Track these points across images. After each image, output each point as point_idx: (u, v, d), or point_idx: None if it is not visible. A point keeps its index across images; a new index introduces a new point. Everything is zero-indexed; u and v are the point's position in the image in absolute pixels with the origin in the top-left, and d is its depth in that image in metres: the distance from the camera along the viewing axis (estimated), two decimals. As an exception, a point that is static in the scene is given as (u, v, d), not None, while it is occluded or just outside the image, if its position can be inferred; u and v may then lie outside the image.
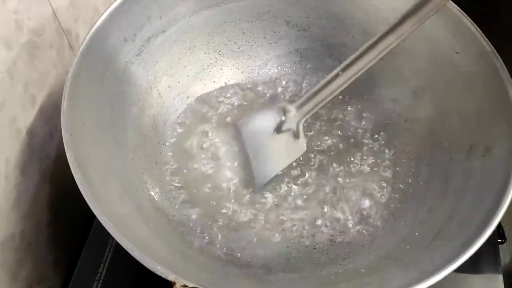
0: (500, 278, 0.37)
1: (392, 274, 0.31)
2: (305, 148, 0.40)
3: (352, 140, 0.42)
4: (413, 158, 0.40)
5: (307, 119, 0.39)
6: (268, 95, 0.45)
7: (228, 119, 0.43)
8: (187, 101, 0.43)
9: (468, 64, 0.36)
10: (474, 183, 0.33)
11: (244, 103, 0.44)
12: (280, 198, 0.39)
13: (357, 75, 0.35)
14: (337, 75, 0.36)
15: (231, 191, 0.39)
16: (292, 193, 0.39)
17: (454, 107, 0.37)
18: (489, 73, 0.34)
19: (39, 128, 0.37)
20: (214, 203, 0.39)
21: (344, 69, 0.35)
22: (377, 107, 0.43)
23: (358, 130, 0.42)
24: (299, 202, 0.39)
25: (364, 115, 0.43)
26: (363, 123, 0.43)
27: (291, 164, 0.40)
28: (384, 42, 0.33)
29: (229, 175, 0.40)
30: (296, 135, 0.40)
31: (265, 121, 0.41)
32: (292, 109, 0.40)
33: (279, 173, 0.40)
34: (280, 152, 0.40)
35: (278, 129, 0.40)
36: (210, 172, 0.40)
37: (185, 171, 0.40)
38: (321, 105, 0.38)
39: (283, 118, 0.40)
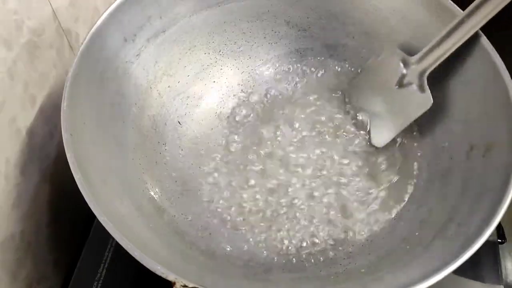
0: (500, 276, 0.37)
1: (392, 274, 0.31)
2: (432, 102, 0.37)
3: (350, 139, 0.42)
4: (413, 158, 0.40)
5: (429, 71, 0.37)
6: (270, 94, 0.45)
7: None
8: (187, 101, 0.43)
9: (468, 64, 0.36)
10: (474, 183, 0.33)
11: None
12: (280, 199, 0.39)
13: (485, 21, 0.33)
14: (462, 22, 0.34)
15: (232, 191, 0.39)
16: (290, 194, 0.39)
17: (454, 107, 0.37)
18: (489, 73, 0.34)
19: (39, 128, 0.37)
20: (216, 202, 0.39)
21: (469, 15, 0.33)
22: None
23: (358, 129, 0.43)
24: (298, 202, 0.39)
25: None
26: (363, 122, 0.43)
27: (289, 163, 0.40)
28: None
29: (227, 176, 0.40)
30: (421, 88, 0.37)
31: (384, 74, 0.39)
32: (413, 61, 0.37)
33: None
34: (403, 108, 0.38)
35: (400, 83, 0.38)
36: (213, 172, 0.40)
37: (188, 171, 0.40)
38: (445, 56, 0.35)
39: (404, 72, 0.38)
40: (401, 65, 0.38)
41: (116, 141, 0.36)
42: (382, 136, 0.40)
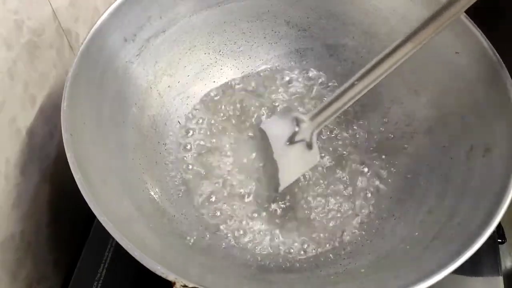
0: (500, 278, 0.37)
1: (392, 274, 0.31)
2: (318, 159, 0.39)
3: (351, 139, 0.42)
4: (413, 158, 0.40)
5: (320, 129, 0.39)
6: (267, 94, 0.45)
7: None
8: (187, 101, 0.43)
9: (468, 64, 0.36)
10: (474, 183, 0.33)
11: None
12: (280, 200, 0.39)
13: (372, 85, 0.35)
14: (352, 85, 0.35)
15: (231, 191, 0.39)
16: (291, 194, 0.39)
17: (454, 107, 0.37)
18: (489, 73, 0.34)
19: (39, 128, 0.37)
20: (216, 203, 0.39)
21: (359, 79, 0.35)
22: (376, 106, 0.43)
23: (358, 128, 0.42)
24: (300, 202, 0.39)
25: (364, 114, 0.43)
26: (362, 122, 0.43)
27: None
28: (402, 50, 0.32)
29: (228, 176, 0.40)
30: (309, 146, 0.39)
31: (279, 131, 0.40)
32: (305, 119, 0.39)
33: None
34: (294, 162, 0.39)
35: (291, 140, 0.39)
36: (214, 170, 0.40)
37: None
38: (335, 115, 0.37)
39: (297, 129, 0.39)
40: (294, 123, 0.39)
41: (116, 141, 0.36)
42: (280, 181, 0.39)
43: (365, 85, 0.35)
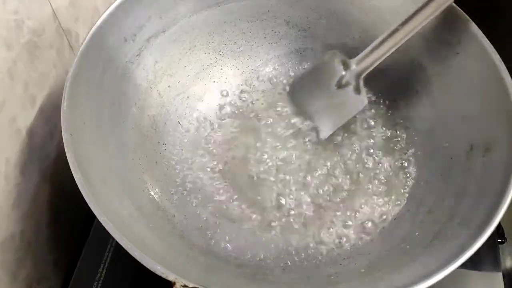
0: (499, 276, 0.37)
1: (392, 274, 0.31)
2: (366, 102, 0.40)
3: (351, 140, 0.42)
4: (413, 158, 0.40)
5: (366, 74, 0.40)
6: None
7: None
8: (188, 101, 0.43)
9: (468, 64, 0.36)
10: (474, 183, 0.33)
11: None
12: (281, 197, 0.39)
13: (416, 30, 0.36)
14: (396, 30, 0.36)
15: (232, 191, 0.39)
16: (291, 193, 0.39)
17: (454, 107, 0.37)
18: (489, 73, 0.34)
19: (39, 128, 0.37)
20: (216, 203, 0.39)
21: (403, 24, 0.36)
22: (377, 106, 0.43)
23: (358, 128, 0.42)
24: (299, 201, 0.39)
25: (364, 114, 0.43)
26: (363, 122, 0.43)
27: (289, 163, 0.40)
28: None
29: (228, 176, 0.40)
30: (356, 90, 0.40)
31: (325, 75, 0.41)
32: (352, 63, 0.40)
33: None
34: (341, 106, 0.41)
35: (339, 84, 0.40)
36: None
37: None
38: (380, 60, 0.38)
39: (343, 73, 0.40)
40: (341, 66, 0.40)
41: (116, 141, 0.36)
42: (324, 130, 0.41)
43: (407, 31, 0.36)
